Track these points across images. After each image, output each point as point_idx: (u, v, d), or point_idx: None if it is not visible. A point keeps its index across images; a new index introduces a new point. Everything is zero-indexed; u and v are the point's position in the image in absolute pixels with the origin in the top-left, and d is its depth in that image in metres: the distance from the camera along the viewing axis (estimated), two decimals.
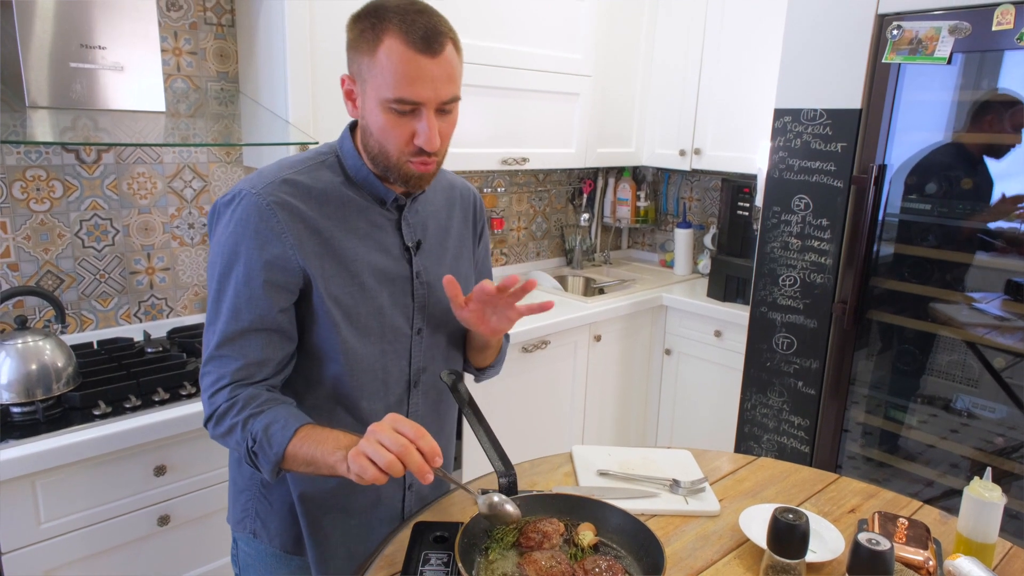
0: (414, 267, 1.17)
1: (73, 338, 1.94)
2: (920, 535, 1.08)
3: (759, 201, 2.35)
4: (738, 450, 2.49)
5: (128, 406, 1.61)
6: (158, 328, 2.09)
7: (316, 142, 1.93)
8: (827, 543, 1.12)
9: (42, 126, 1.62)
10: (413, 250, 1.17)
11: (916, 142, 2.04)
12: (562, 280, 3.17)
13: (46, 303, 1.86)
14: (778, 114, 2.21)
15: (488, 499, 0.99)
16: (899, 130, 2.01)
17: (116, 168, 1.98)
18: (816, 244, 2.17)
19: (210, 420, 1.05)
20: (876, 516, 1.13)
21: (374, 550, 1.11)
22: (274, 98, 1.99)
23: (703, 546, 1.13)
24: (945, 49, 1.86)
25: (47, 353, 1.59)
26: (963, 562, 1.01)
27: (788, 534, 0.94)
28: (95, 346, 1.93)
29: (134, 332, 2.05)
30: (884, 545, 0.89)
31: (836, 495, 1.31)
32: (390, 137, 1.04)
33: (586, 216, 3.32)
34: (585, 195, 3.35)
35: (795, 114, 2.17)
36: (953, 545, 1.11)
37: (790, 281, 2.25)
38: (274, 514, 1.19)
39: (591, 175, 3.37)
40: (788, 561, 0.95)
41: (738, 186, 2.80)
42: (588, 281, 3.22)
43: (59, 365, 1.60)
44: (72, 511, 1.52)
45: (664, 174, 3.45)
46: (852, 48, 2.04)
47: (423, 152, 1.04)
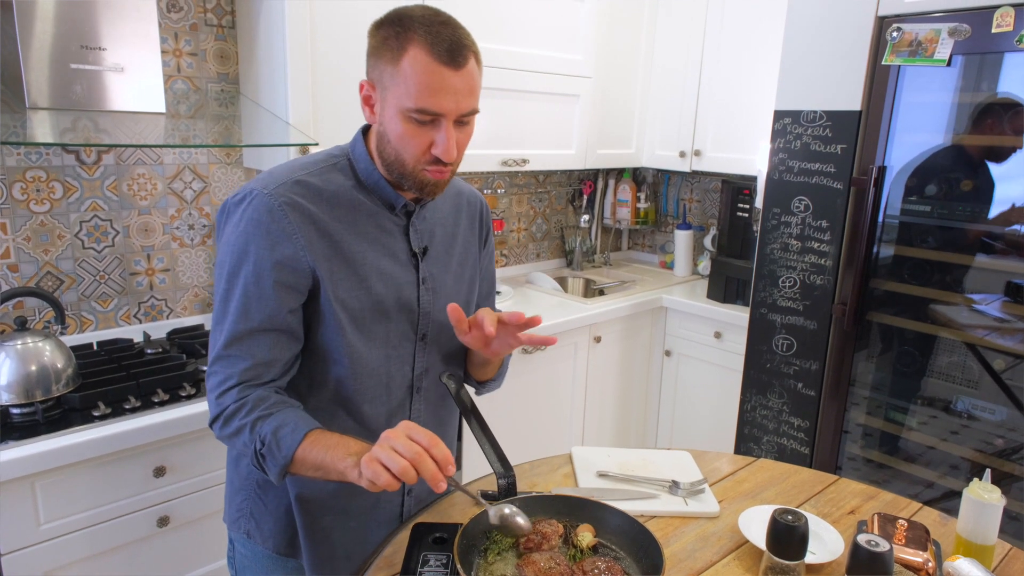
0: (420, 273, 1.17)
1: (73, 339, 1.94)
2: (919, 536, 1.08)
3: (759, 203, 2.35)
4: (738, 451, 2.49)
5: (128, 407, 1.61)
6: (158, 329, 2.09)
7: (316, 143, 1.93)
8: (826, 544, 1.12)
9: (42, 127, 1.62)
10: (420, 256, 1.17)
11: (916, 144, 2.04)
12: (562, 281, 3.17)
13: (46, 304, 1.86)
14: (778, 116, 2.21)
15: (499, 511, 0.99)
16: (899, 132, 2.02)
17: (116, 169, 1.98)
18: (816, 246, 2.17)
19: (217, 420, 1.05)
20: (875, 517, 1.13)
21: (373, 551, 1.11)
22: (274, 99, 2.00)
23: (702, 547, 1.13)
24: (945, 51, 1.86)
25: (47, 354, 1.59)
26: (962, 563, 1.01)
27: (787, 535, 0.95)
28: (95, 347, 1.93)
29: (134, 333, 2.05)
30: (883, 546, 0.89)
31: (835, 496, 1.31)
32: (408, 145, 1.04)
33: (586, 217, 3.32)
34: (585, 196, 3.35)
35: (795, 116, 2.17)
36: (952, 546, 1.11)
37: (790, 282, 2.25)
38: (269, 515, 1.19)
39: (591, 176, 3.38)
40: (787, 562, 0.95)
41: (738, 187, 2.80)
42: (588, 282, 3.22)
43: (59, 366, 1.60)
44: (72, 512, 1.52)
45: (664, 175, 3.45)
46: (852, 50, 2.04)
47: (439, 161, 1.05)
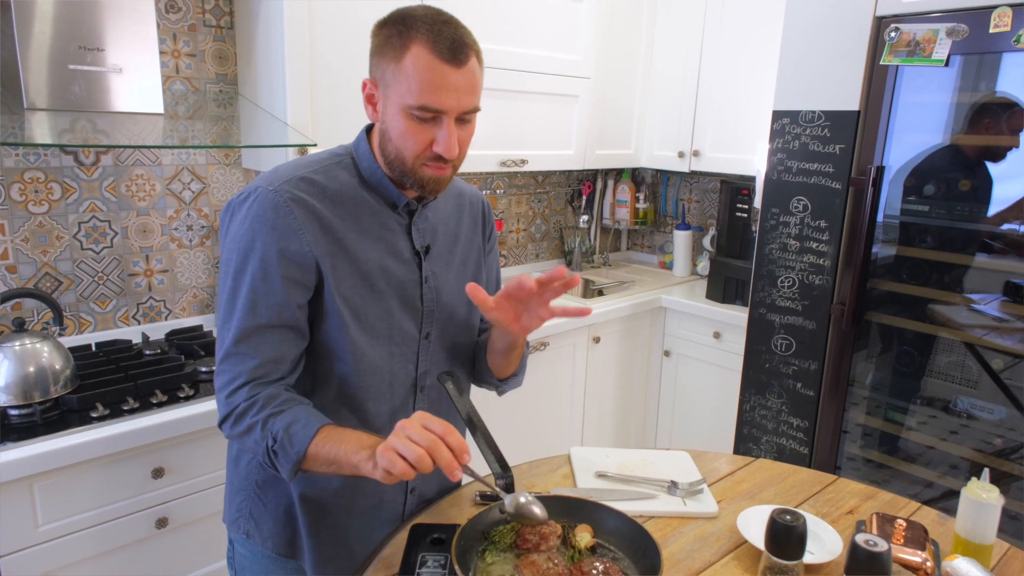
0: (423, 272, 1.18)
1: (71, 340, 1.94)
2: (918, 536, 1.08)
3: (758, 203, 2.35)
4: (737, 451, 2.49)
5: (126, 408, 1.61)
6: (156, 330, 2.09)
7: (314, 144, 1.93)
8: (825, 544, 1.12)
9: (40, 128, 1.62)
10: (423, 255, 1.18)
11: (914, 144, 2.04)
12: None
13: (44, 305, 1.86)
14: (776, 116, 2.21)
15: (515, 499, 0.99)
16: (897, 132, 2.02)
17: (115, 170, 1.98)
18: (815, 246, 2.17)
19: (227, 419, 1.05)
20: (874, 517, 1.13)
21: (371, 552, 1.11)
22: (273, 100, 1.99)
23: (701, 548, 1.13)
24: (943, 51, 1.87)
25: (45, 355, 1.59)
26: (961, 563, 1.01)
27: (786, 535, 0.95)
28: (93, 348, 1.93)
29: (132, 334, 2.05)
30: (882, 546, 0.89)
31: (834, 496, 1.31)
32: (409, 143, 1.05)
33: (585, 218, 3.32)
34: (584, 197, 3.35)
35: (793, 116, 2.17)
36: (951, 546, 1.11)
37: (789, 282, 2.25)
38: (268, 515, 1.19)
39: (590, 177, 3.38)
40: (786, 562, 0.95)
41: (737, 188, 2.80)
42: (587, 283, 3.22)
43: (57, 367, 1.60)
44: (70, 514, 1.52)
45: (663, 176, 3.45)
46: (850, 50, 2.04)
47: (440, 159, 1.05)
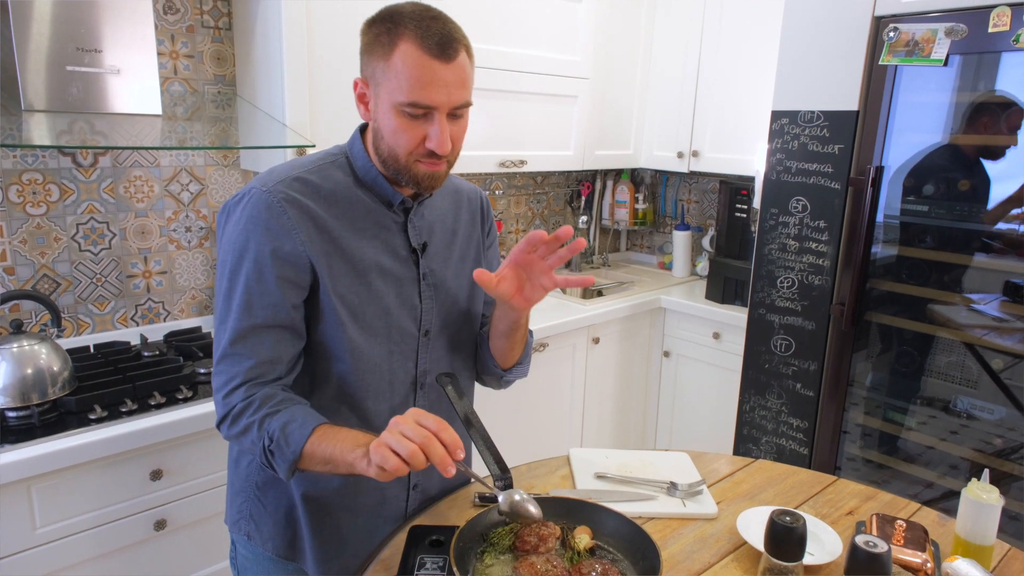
0: (420, 269, 1.17)
1: (70, 342, 1.94)
2: (918, 537, 1.08)
3: (757, 203, 2.35)
4: (737, 452, 2.48)
5: (124, 410, 1.61)
6: (155, 332, 2.08)
7: (313, 145, 1.92)
8: (825, 545, 1.12)
9: (39, 129, 1.62)
10: (419, 252, 1.17)
11: (913, 144, 2.04)
12: None
13: (42, 307, 1.85)
14: (775, 116, 2.21)
15: (509, 497, 0.99)
16: (896, 132, 2.01)
17: (113, 171, 1.98)
18: (814, 246, 2.17)
19: (225, 420, 1.05)
20: (874, 518, 1.13)
21: (370, 554, 1.11)
22: (271, 101, 1.99)
23: (700, 549, 1.13)
24: (941, 51, 1.86)
25: (43, 357, 1.59)
26: (961, 564, 1.00)
27: (785, 537, 0.94)
28: (91, 350, 1.93)
29: (131, 336, 2.05)
30: (882, 547, 0.89)
31: (834, 497, 1.31)
32: (401, 140, 1.05)
33: (584, 218, 3.32)
34: (583, 197, 3.35)
35: (792, 116, 2.17)
36: (951, 547, 1.11)
37: (788, 283, 2.25)
38: (268, 517, 1.19)
39: (589, 177, 3.37)
40: (786, 564, 0.95)
41: (736, 188, 2.80)
42: None
43: (55, 369, 1.60)
44: (68, 516, 1.51)
45: (662, 176, 3.45)
46: (849, 50, 2.04)
47: (433, 155, 1.05)
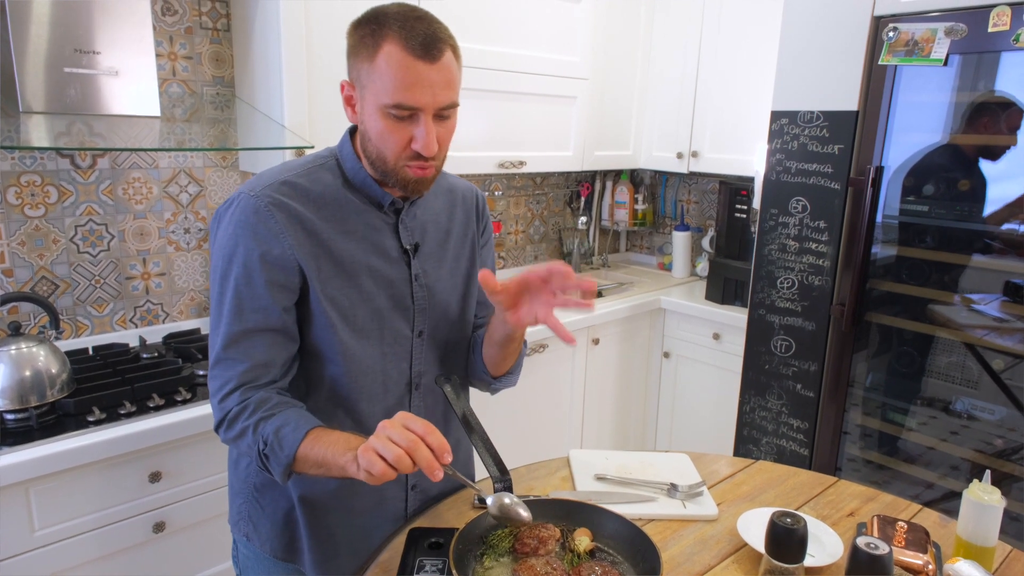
0: (412, 270, 1.17)
1: (68, 344, 1.94)
2: (919, 539, 1.07)
3: (757, 203, 2.35)
4: (737, 453, 2.48)
5: (123, 412, 1.60)
6: (154, 333, 2.08)
7: (312, 146, 1.92)
8: (826, 547, 1.11)
9: (37, 131, 1.62)
10: (411, 253, 1.17)
11: (913, 144, 2.04)
12: None
13: (41, 309, 1.85)
14: (775, 116, 2.21)
15: (499, 500, 0.99)
16: (896, 132, 2.01)
17: (111, 173, 1.97)
18: (814, 246, 2.17)
19: (221, 424, 1.06)
20: (875, 520, 1.12)
21: (370, 556, 1.10)
22: (270, 102, 1.99)
23: (701, 550, 1.13)
24: (941, 51, 1.86)
25: (41, 359, 1.58)
26: (963, 566, 1.00)
27: (786, 538, 0.94)
28: (90, 352, 1.92)
29: (130, 338, 2.04)
30: (883, 549, 0.88)
31: (835, 498, 1.31)
32: (388, 142, 1.04)
33: (584, 219, 3.32)
34: (583, 198, 3.34)
35: (792, 116, 2.17)
36: (953, 548, 1.11)
37: (788, 283, 2.24)
38: (266, 519, 1.19)
39: (589, 178, 3.37)
40: (786, 565, 0.94)
41: (736, 188, 2.80)
42: None
43: (53, 371, 1.59)
44: (66, 518, 1.51)
45: (662, 177, 3.45)
46: (848, 50, 2.04)
47: (420, 157, 1.05)
